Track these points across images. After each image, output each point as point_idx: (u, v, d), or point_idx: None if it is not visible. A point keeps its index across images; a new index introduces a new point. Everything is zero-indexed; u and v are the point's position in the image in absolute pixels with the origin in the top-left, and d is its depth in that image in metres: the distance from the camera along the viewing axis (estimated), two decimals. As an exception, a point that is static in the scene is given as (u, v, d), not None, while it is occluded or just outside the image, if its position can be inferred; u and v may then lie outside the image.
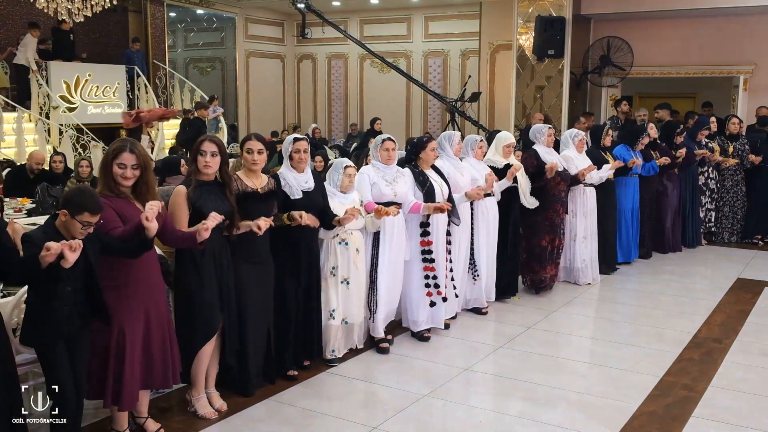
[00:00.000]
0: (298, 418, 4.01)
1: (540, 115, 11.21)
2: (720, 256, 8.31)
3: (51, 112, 11.54)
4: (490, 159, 6.04)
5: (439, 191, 5.22)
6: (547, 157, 6.32)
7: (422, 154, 5.27)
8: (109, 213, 3.27)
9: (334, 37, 14.55)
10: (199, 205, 3.72)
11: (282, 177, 4.45)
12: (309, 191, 4.46)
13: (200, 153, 3.77)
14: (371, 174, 5.00)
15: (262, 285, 4.18)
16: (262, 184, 4.16)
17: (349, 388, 4.47)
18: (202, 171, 3.79)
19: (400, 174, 5.10)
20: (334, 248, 4.69)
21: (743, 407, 4.21)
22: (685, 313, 6.05)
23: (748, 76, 11.75)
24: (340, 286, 4.71)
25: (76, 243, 2.87)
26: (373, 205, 4.81)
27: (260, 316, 4.18)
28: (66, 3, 9.63)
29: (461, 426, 3.97)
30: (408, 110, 16.03)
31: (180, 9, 15.60)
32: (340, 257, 4.69)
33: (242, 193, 4.03)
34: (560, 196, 6.36)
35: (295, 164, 4.47)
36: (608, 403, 4.25)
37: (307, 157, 4.48)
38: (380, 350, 5.00)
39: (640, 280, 7.19)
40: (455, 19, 15.18)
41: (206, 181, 3.82)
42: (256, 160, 4.09)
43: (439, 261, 5.24)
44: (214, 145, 3.80)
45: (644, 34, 11.96)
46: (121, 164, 3.38)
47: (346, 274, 4.73)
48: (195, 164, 3.80)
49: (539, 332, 5.55)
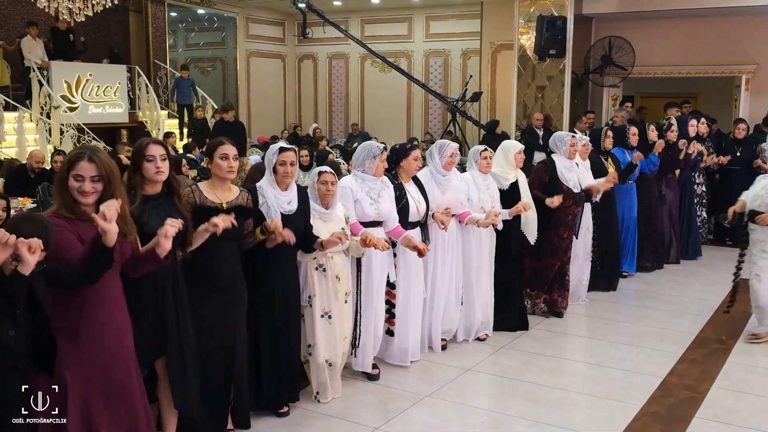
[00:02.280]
0: (298, 418, 3.99)
1: (539, 116, 11.21)
2: (722, 256, 8.28)
3: (52, 111, 11.53)
4: (497, 174, 5.28)
5: (415, 210, 4.56)
6: (566, 173, 5.61)
7: (404, 163, 4.60)
8: (64, 236, 2.63)
9: (334, 37, 14.52)
10: (144, 223, 3.06)
11: (261, 193, 3.79)
12: (290, 214, 3.80)
13: (147, 159, 3.16)
14: (354, 188, 4.32)
15: (224, 317, 3.55)
16: (229, 198, 3.55)
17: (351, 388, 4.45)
18: (152, 179, 3.18)
19: (384, 186, 4.43)
20: (311, 274, 4.03)
21: (746, 408, 4.20)
22: (687, 314, 6.03)
23: (750, 76, 11.72)
24: (320, 320, 4.06)
25: (35, 242, 2.32)
26: (360, 227, 4.23)
27: (218, 354, 3.56)
28: (67, 2, 9.63)
29: (461, 426, 3.95)
30: (409, 110, 16.02)
31: (181, 9, 15.59)
32: (318, 285, 4.03)
33: (200, 207, 3.42)
34: (567, 220, 5.65)
35: (279, 179, 3.81)
36: (610, 403, 4.24)
37: (294, 171, 3.83)
38: (370, 377, 4.52)
39: (641, 279, 7.17)
40: (456, 19, 15.17)
41: (151, 194, 3.20)
42: (233, 166, 3.52)
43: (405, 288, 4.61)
44: (162, 148, 3.23)
45: (646, 33, 11.93)
46: (78, 176, 2.72)
47: (327, 306, 4.06)
48: (139, 173, 3.18)
49: (540, 333, 5.53)
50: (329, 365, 4.13)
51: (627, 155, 6.94)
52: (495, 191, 5.18)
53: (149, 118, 13.44)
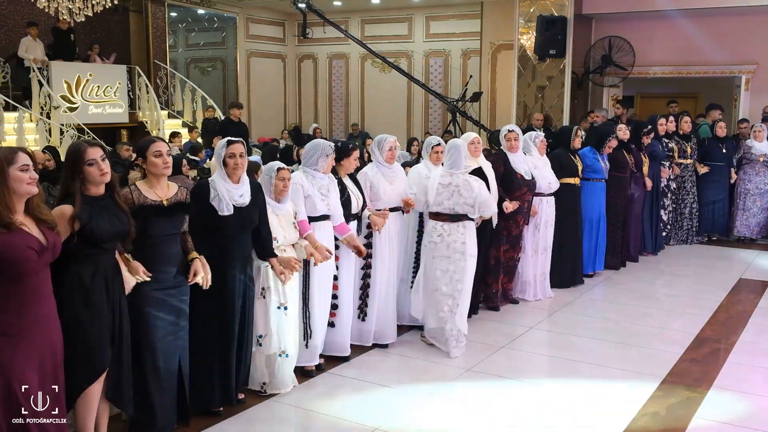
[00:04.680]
0: (299, 418, 3.99)
1: (539, 116, 11.21)
2: (721, 256, 8.29)
3: (52, 112, 11.53)
4: None
5: (355, 203, 4.77)
6: (518, 165, 5.86)
7: (344, 161, 4.75)
8: None
9: (335, 37, 14.52)
10: (90, 227, 3.11)
11: (212, 187, 3.83)
12: (243, 206, 3.86)
13: (88, 163, 3.15)
14: (305, 185, 4.44)
15: (172, 311, 3.59)
16: (169, 195, 3.56)
17: (348, 387, 4.45)
18: (98, 182, 3.18)
19: (331, 182, 4.59)
20: (264, 267, 4.11)
21: (746, 408, 4.20)
22: (687, 314, 6.03)
23: (750, 76, 11.72)
24: (276, 311, 4.12)
25: None
26: (307, 225, 4.37)
27: (169, 348, 3.58)
28: (67, 2, 9.62)
29: (462, 426, 3.96)
30: (409, 110, 16.01)
31: (181, 9, 15.59)
32: (273, 277, 4.11)
33: (141, 206, 3.44)
34: (522, 208, 5.85)
35: (229, 171, 3.84)
36: (610, 403, 4.24)
37: (243, 163, 3.88)
38: (305, 373, 4.52)
39: (641, 279, 7.17)
40: (456, 19, 15.16)
41: (95, 195, 3.20)
42: (168, 162, 3.53)
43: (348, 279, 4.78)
44: (100, 150, 3.22)
45: (646, 33, 11.93)
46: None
47: (283, 298, 4.14)
48: (81, 177, 3.16)
49: (541, 332, 5.54)
50: (286, 356, 4.18)
51: (599, 156, 7.00)
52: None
53: (149, 118, 13.44)
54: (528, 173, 5.90)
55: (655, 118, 8.49)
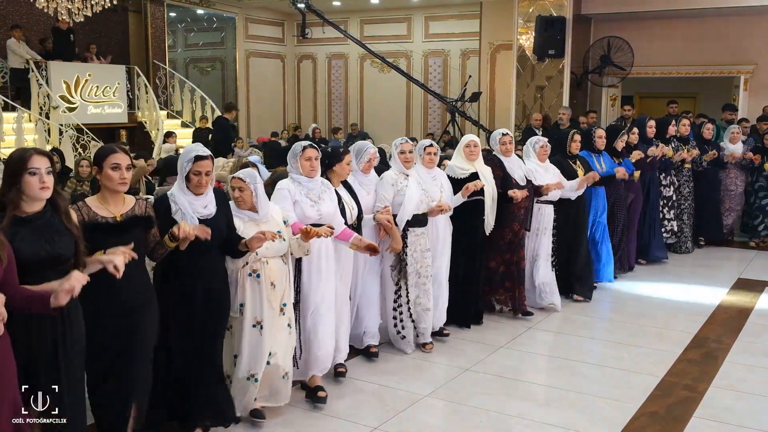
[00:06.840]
0: (299, 419, 4.00)
1: (538, 116, 11.22)
2: (720, 256, 8.30)
3: (51, 112, 11.54)
4: (452, 166, 5.39)
5: (349, 213, 4.47)
6: (513, 170, 5.64)
7: (336, 167, 4.45)
8: None
9: (334, 37, 14.53)
10: (16, 249, 2.61)
11: (172, 201, 3.49)
12: (208, 218, 3.50)
13: (30, 172, 2.72)
14: (292, 190, 4.14)
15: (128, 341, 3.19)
16: (123, 210, 3.17)
17: (348, 387, 4.46)
18: (35, 196, 2.75)
19: (325, 188, 4.25)
20: (243, 281, 3.74)
21: (745, 407, 4.20)
22: (686, 313, 6.04)
23: (749, 76, 11.75)
24: (250, 330, 3.76)
25: None
26: (300, 225, 3.97)
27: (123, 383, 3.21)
28: (66, 3, 9.63)
29: (461, 427, 3.96)
30: (408, 110, 16.03)
31: (180, 9, 15.60)
32: (249, 293, 3.74)
33: (91, 224, 3.05)
34: (519, 214, 5.64)
35: (192, 187, 3.48)
36: (609, 403, 4.24)
37: (208, 181, 3.50)
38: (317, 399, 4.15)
39: (639, 279, 7.17)
40: (455, 19, 15.18)
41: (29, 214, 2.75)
42: (126, 177, 3.14)
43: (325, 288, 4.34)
44: (47, 160, 2.79)
45: (645, 33, 11.96)
46: None
47: (259, 315, 3.75)
48: (18, 188, 2.72)
49: (540, 332, 5.54)
50: (255, 380, 3.77)
51: (594, 159, 6.68)
52: (445, 182, 5.17)
53: (148, 119, 13.46)
54: (522, 179, 5.68)
55: (643, 120, 7.90)
